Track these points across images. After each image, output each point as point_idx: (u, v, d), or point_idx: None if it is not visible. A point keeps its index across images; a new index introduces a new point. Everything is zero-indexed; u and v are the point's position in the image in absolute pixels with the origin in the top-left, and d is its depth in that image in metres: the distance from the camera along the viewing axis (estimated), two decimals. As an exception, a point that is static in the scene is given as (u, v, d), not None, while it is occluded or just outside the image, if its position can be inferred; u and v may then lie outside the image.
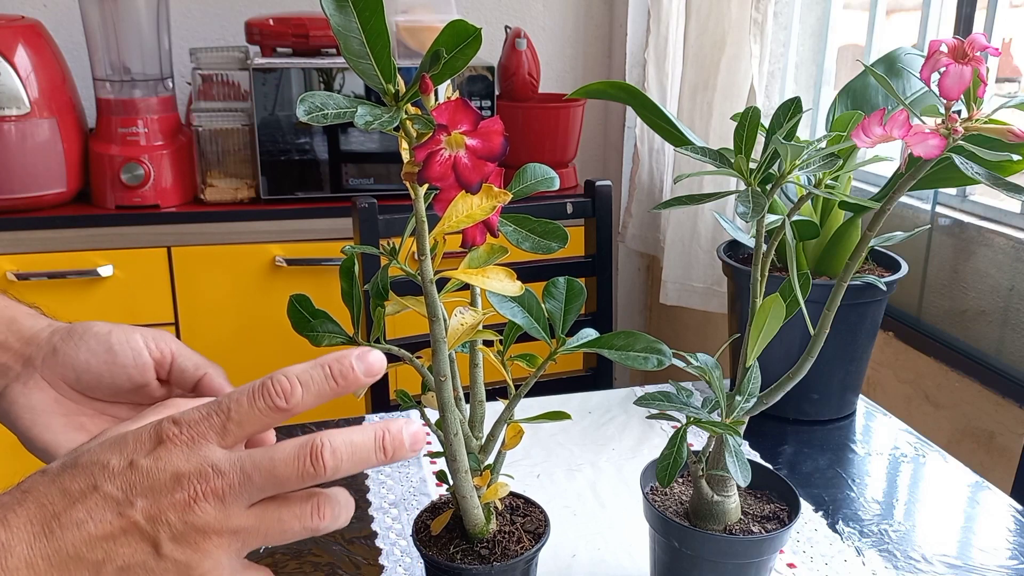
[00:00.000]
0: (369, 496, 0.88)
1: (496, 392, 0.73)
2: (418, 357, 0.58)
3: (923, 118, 0.57)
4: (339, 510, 0.44)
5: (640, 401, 0.64)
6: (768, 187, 0.63)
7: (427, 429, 1.01)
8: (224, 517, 0.40)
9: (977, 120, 0.55)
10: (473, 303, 0.61)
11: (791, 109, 0.62)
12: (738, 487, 0.70)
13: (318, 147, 1.83)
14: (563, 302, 0.59)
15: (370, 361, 0.44)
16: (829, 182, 0.64)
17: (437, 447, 0.61)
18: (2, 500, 0.40)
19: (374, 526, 0.83)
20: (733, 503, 0.68)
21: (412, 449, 0.45)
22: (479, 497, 0.61)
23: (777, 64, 1.80)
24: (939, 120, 0.55)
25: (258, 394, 0.41)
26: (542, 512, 0.66)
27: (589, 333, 0.58)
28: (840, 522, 0.85)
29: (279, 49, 1.86)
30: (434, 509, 0.66)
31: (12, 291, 1.69)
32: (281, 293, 1.80)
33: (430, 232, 0.53)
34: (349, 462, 0.42)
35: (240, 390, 0.42)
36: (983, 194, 1.36)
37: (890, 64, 1.01)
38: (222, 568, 0.41)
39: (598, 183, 1.39)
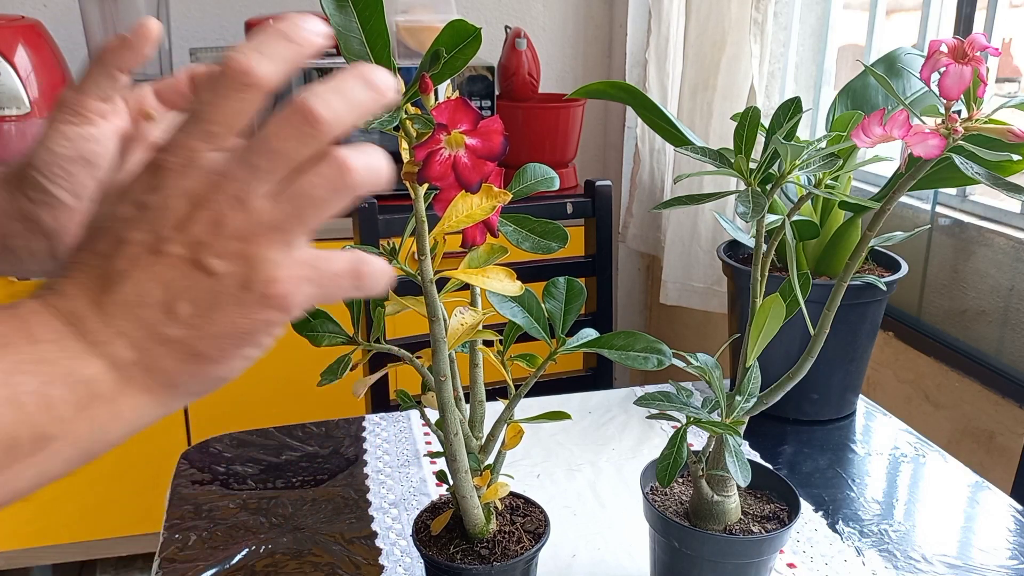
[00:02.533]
0: (369, 496, 0.88)
1: (496, 392, 0.73)
2: (418, 357, 0.58)
3: (923, 118, 0.57)
4: (369, 157, 0.39)
5: (640, 401, 0.64)
6: (768, 187, 0.63)
7: (427, 429, 1.01)
8: (251, 216, 0.37)
9: (977, 120, 0.55)
10: (473, 303, 0.61)
11: (791, 109, 0.62)
12: (738, 487, 0.70)
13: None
14: (563, 302, 0.59)
15: (302, 23, 0.41)
16: (829, 182, 0.64)
17: (437, 447, 0.61)
18: (46, 283, 0.38)
19: (374, 526, 0.83)
20: (733, 503, 0.68)
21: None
22: (479, 497, 0.61)
23: (777, 64, 1.80)
24: (939, 120, 0.55)
25: (220, 82, 0.38)
26: (542, 512, 0.66)
27: (589, 333, 0.58)
28: (840, 522, 0.85)
29: (279, 49, 1.86)
30: (434, 509, 0.66)
31: (12, 292, 1.69)
32: (281, 293, 1.79)
33: (430, 232, 0.53)
34: (344, 106, 0.38)
35: (203, 86, 0.39)
36: (983, 194, 1.36)
37: (890, 64, 1.01)
38: (280, 266, 0.38)
39: (598, 183, 1.39)
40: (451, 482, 0.61)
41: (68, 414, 0.35)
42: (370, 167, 0.39)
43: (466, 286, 0.57)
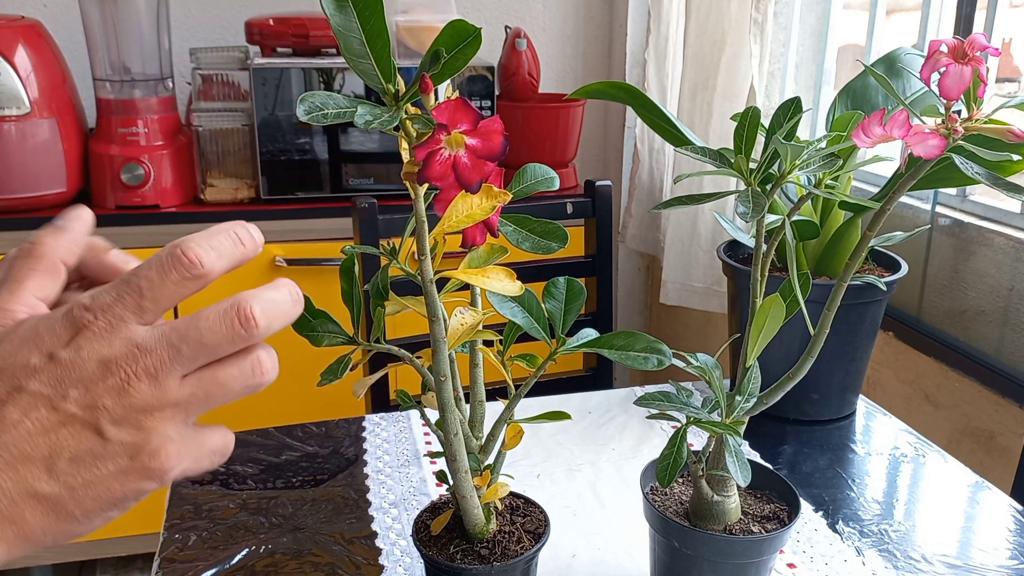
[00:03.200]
0: (369, 496, 0.88)
1: (496, 392, 0.73)
2: (418, 357, 0.58)
3: (923, 118, 0.57)
4: (274, 361, 0.42)
5: (640, 401, 0.64)
6: (768, 187, 0.63)
7: (427, 429, 1.01)
8: (160, 393, 0.39)
9: (977, 120, 0.55)
10: (473, 303, 0.61)
11: (791, 109, 0.62)
12: (738, 487, 0.70)
13: (318, 147, 1.83)
14: (563, 302, 0.59)
15: (252, 231, 0.43)
16: (829, 182, 0.64)
17: (437, 447, 0.61)
18: None
19: (374, 526, 0.83)
20: (733, 503, 0.68)
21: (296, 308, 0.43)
22: (479, 497, 0.61)
23: (777, 64, 1.80)
24: (939, 120, 0.55)
25: (169, 267, 0.40)
26: (542, 512, 0.66)
27: (589, 333, 0.58)
28: (840, 522, 0.85)
29: (279, 49, 1.86)
30: (434, 509, 0.66)
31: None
32: (281, 293, 1.79)
33: (430, 232, 0.53)
34: (278, 317, 0.41)
35: (147, 264, 0.40)
36: (983, 194, 1.36)
37: (890, 64, 1.01)
38: (172, 441, 0.39)
39: (598, 183, 1.39)
40: (451, 482, 0.61)
41: None
42: (274, 369, 0.42)
43: (466, 286, 0.57)
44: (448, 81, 0.49)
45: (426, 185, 0.50)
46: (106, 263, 0.54)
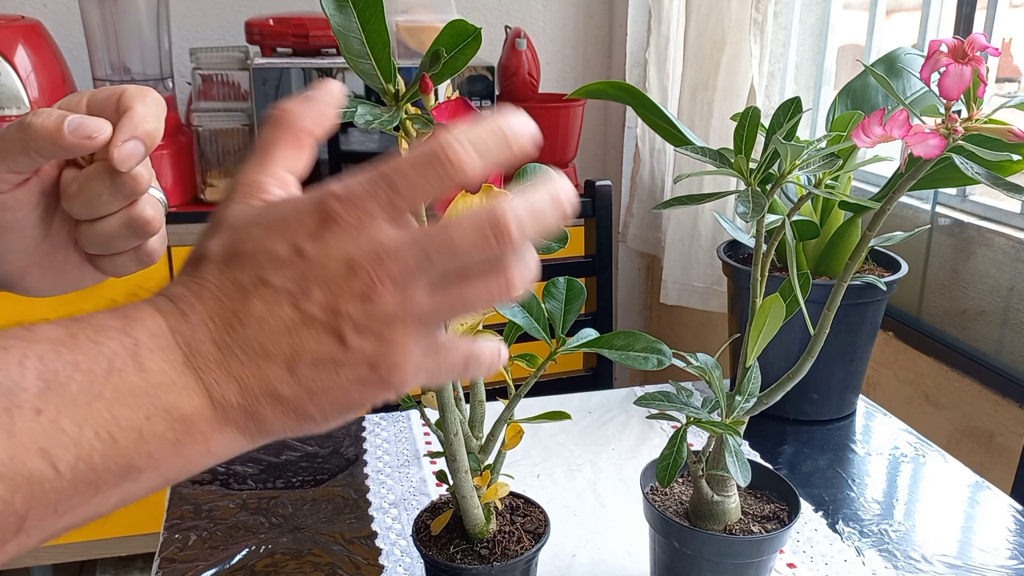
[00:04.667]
0: (369, 496, 0.88)
1: (496, 392, 0.73)
2: (418, 357, 0.58)
3: (923, 118, 0.57)
4: (528, 272, 0.38)
5: (640, 401, 0.64)
6: (768, 187, 0.63)
7: (427, 429, 1.01)
8: (405, 302, 0.36)
9: (977, 120, 0.55)
10: (473, 303, 0.61)
11: (791, 109, 0.62)
12: (738, 487, 0.70)
13: (318, 147, 1.83)
14: (563, 302, 0.59)
15: (523, 124, 0.39)
16: (829, 182, 0.64)
17: (437, 447, 0.61)
18: (176, 292, 0.36)
19: (374, 526, 0.83)
20: (733, 503, 0.68)
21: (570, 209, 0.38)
22: (479, 497, 0.61)
23: (777, 64, 1.80)
24: (939, 120, 0.55)
25: (429, 164, 0.36)
26: (542, 512, 0.66)
27: (589, 333, 0.58)
28: (840, 522, 0.85)
29: (279, 49, 1.86)
30: (434, 509, 0.66)
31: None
32: (281, 293, 1.79)
33: (430, 232, 0.53)
34: (534, 231, 0.37)
35: (405, 159, 0.37)
36: (983, 194, 1.36)
37: (890, 64, 1.01)
38: (410, 355, 0.37)
39: (598, 183, 1.39)
40: (451, 482, 0.61)
41: (161, 450, 0.34)
42: (526, 282, 0.38)
43: (466, 286, 0.57)
44: (448, 81, 0.49)
45: (426, 185, 0.50)
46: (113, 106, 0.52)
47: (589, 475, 0.92)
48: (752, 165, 0.63)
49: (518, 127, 0.38)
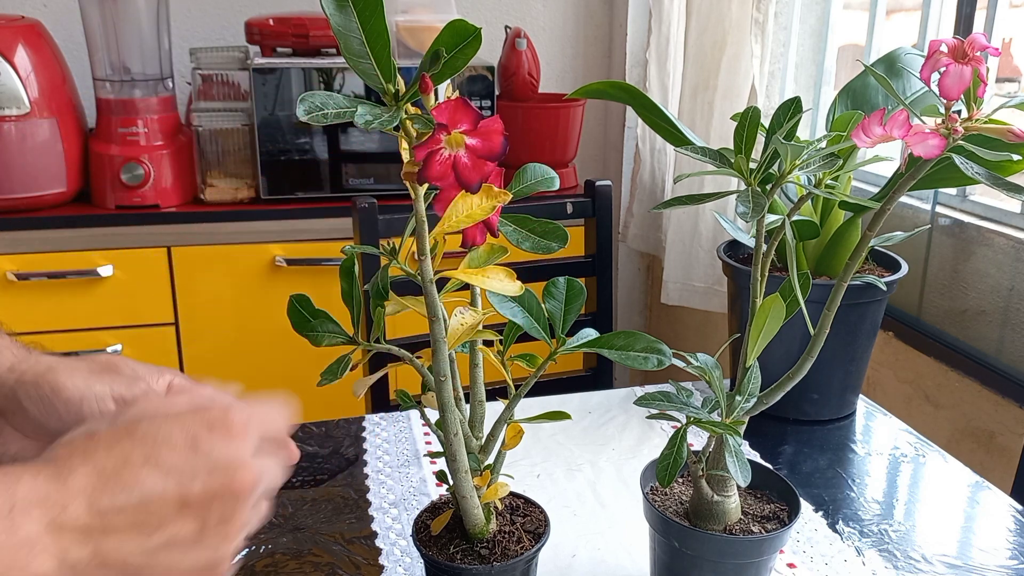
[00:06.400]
0: (369, 496, 0.88)
1: (496, 392, 0.73)
2: (418, 357, 0.58)
3: (923, 118, 0.57)
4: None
5: (640, 401, 0.64)
6: (768, 187, 0.63)
7: (427, 429, 1.01)
8: (249, 513, 0.43)
9: (977, 120, 0.55)
10: (473, 303, 0.61)
11: (791, 109, 0.62)
12: (738, 487, 0.70)
13: (318, 147, 1.83)
14: (563, 302, 0.59)
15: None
16: (829, 182, 0.64)
17: (437, 447, 0.61)
18: (59, 453, 0.40)
19: (374, 526, 0.83)
20: (733, 503, 0.68)
21: None
22: (479, 497, 0.61)
23: (777, 64, 1.80)
24: (939, 120, 0.55)
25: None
26: (542, 512, 0.66)
27: (589, 333, 0.58)
28: (840, 522, 0.85)
29: (279, 49, 1.86)
30: (434, 509, 0.66)
31: (12, 291, 1.69)
32: (281, 293, 1.80)
33: (430, 232, 0.53)
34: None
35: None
36: (983, 194, 1.36)
37: (890, 64, 1.01)
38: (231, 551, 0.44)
39: (598, 183, 1.39)
40: (451, 482, 0.61)
41: None
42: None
43: (466, 286, 0.57)
44: (448, 81, 0.49)
45: (426, 185, 0.50)
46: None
47: (589, 475, 0.92)
48: (752, 165, 0.63)
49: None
